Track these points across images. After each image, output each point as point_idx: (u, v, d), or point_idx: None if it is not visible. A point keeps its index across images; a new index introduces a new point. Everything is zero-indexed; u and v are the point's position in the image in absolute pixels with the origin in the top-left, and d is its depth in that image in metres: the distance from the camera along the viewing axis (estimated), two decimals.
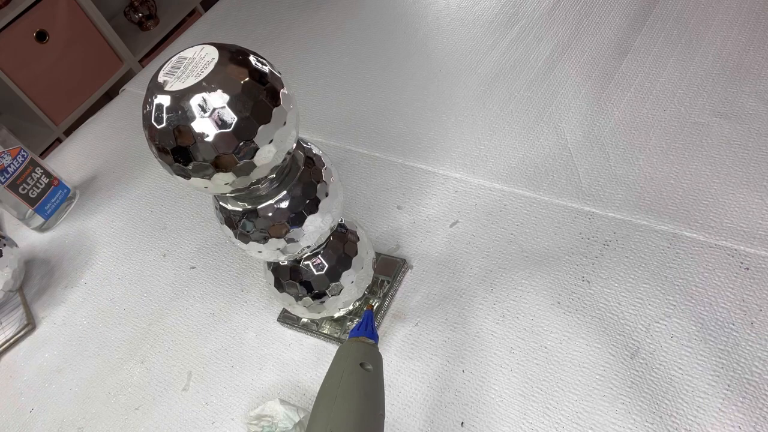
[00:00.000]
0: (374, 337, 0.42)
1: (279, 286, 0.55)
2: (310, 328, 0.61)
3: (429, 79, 0.84)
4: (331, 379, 0.37)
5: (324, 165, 0.48)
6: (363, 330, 0.43)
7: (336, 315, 0.59)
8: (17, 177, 0.82)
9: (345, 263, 0.53)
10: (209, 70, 0.36)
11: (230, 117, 0.36)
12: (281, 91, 0.40)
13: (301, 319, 0.62)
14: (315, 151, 0.49)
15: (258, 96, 0.38)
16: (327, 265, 0.53)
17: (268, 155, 0.39)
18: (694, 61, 0.70)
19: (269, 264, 0.56)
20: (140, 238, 0.80)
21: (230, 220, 0.46)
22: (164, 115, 0.36)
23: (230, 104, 0.36)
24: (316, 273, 0.53)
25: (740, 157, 0.60)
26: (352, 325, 0.60)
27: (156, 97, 0.37)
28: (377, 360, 0.39)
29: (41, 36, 1.76)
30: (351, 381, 0.34)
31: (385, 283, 0.61)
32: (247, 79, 0.37)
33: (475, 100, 0.78)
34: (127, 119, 1.05)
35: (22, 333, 0.74)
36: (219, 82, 0.36)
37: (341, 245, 0.54)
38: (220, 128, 0.36)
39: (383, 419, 0.36)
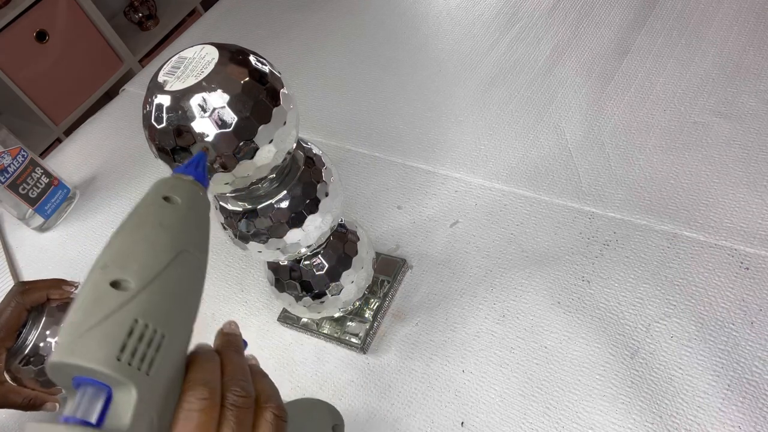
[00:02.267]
0: (202, 179, 0.32)
1: (279, 286, 0.55)
2: (310, 328, 0.61)
3: (429, 79, 0.84)
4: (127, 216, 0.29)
5: (324, 165, 0.48)
6: (191, 169, 0.32)
7: (336, 315, 0.59)
8: (17, 177, 0.82)
9: (345, 263, 0.53)
10: (209, 70, 0.36)
11: (230, 117, 0.36)
12: (281, 90, 0.40)
13: (301, 319, 0.62)
14: (315, 151, 0.49)
15: (258, 96, 0.38)
16: (327, 265, 0.53)
17: (268, 155, 0.39)
18: (694, 61, 0.70)
19: (269, 264, 0.56)
20: None
21: (230, 220, 0.46)
22: (164, 115, 0.36)
23: (230, 104, 0.36)
24: (316, 273, 0.53)
25: (740, 157, 0.60)
26: (352, 325, 0.60)
27: (156, 97, 0.37)
28: (194, 199, 0.30)
29: (41, 36, 1.76)
30: (146, 212, 0.27)
31: (385, 283, 0.61)
32: (247, 79, 0.37)
33: (475, 100, 0.78)
34: (127, 119, 1.05)
35: None
36: (219, 82, 0.36)
37: (341, 245, 0.54)
38: (220, 128, 0.36)
39: (200, 261, 0.29)
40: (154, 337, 0.24)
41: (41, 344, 0.57)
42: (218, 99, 0.36)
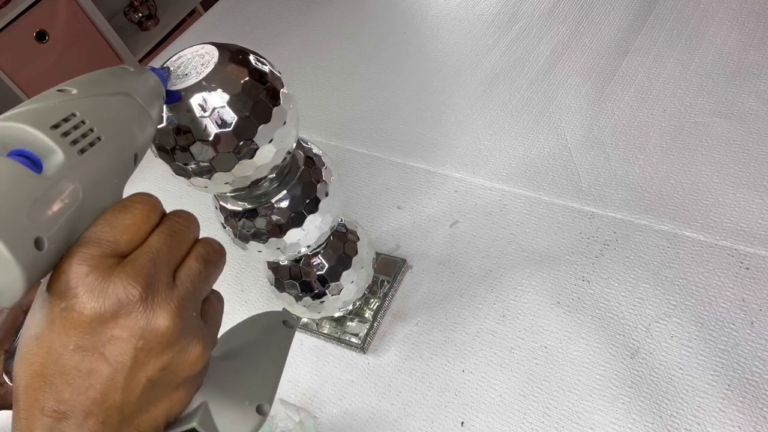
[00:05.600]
0: (162, 77, 0.34)
1: (279, 286, 0.55)
2: (310, 328, 0.61)
3: (429, 79, 0.84)
4: None
5: (324, 165, 0.48)
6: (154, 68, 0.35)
7: (336, 315, 0.59)
8: None
9: (345, 263, 0.53)
10: (209, 70, 0.36)
11: (230, 116, 0.36)
12: (281, 90, 0.40)
13: (301, 319, 0.62)
14: (315, 150, 0.49)
15: (258, 95, 0.37)
16: (327, 265, 0.53)
17: (268, 155, 0.39)
18: (694, 61, 0.70)
19: (269, 264, 0.56)
20: None
21: (230, 220, 0.46)
22: (164, 115, 0.36)
23: (230, 104, 0.36)
24: (316, 273, 0.53)
25: (740, 157, 0.60)
26: (352, 324, 0.60)
27: None
28: (144, 72, 0.32)
29: (41, 36, 1.76)
30: (104, 70, 0.30)
31: (385, 283, 0.61)
32: (247, 78, 0.37)
33: (475, 100, 0.78)
34: None
35: None
36: (219, 82, 0.36)
37: (341, 245, 0.54)
38: (220, 128, 0.36)
39: (144, 111, 0.30)
40: (90, 134, 0.25)
41: None
42: (218, 99, 0.36)
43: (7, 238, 0.21)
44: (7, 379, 0.57)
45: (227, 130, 0.36)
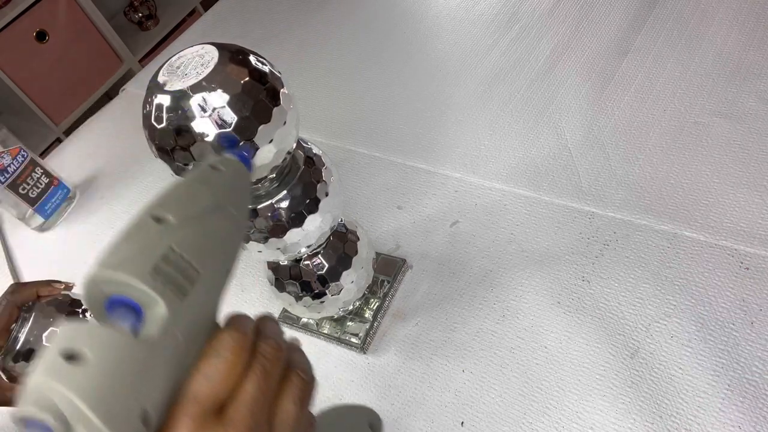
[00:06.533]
0: (245, 161, 0.34)
1: (279, 286, 0.55)
2: (310, 328, 0.61)
3: (429, 79, 0.83)
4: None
5: (324, 165, 0.48)
6: (237, 153, 0.35)
7: (336, 315, 0.59)
8: (17, 177, 0.82)
9: (345, 263, 0.53)
10: (209, 70, 0.36)
11: (230, 117, 0.36)
12: (281, 90, 0.40)
13: (301, 319, 0.62)
14: (315, 150, 0.49)
15: (258, 96, 0.37)
16: (327, 265, 0.53)
17: (268, 155, 0.39)
18: (694, 61, 0.70)
19: (269, 264, 0.56)
20: None
21: None
22: (164, 115, 0.36)
23: (230, 104, 0.36)
24: (316, 273, 0.53)
25: (740, 157, 0.60)
26: (352, 325, 0.60)
27: (156, 97, 0.37)
28: (237, 171, 0.32)
29: (41, 36, 1.76)
30: (193, 174, 0.29)
31: (385, 283, 0.61)
32: (247, 78, 0.37)
33: (475, 100, 0.78)
34: (127, 119, 1.05)
35: None
36: (219, 82, 0.36)
37: (341, 245, 0.54)
38: (220, 128, 0.36)
39: (239, 222, 0.29)
40: (188, 270, 0.24)
41: (31, 339, 0.57)
42: (218, 99, 0.36)
43: (115, 427, 0.20)
44: (3, 376, 0.57)
45: (227, 130, 0.36)
